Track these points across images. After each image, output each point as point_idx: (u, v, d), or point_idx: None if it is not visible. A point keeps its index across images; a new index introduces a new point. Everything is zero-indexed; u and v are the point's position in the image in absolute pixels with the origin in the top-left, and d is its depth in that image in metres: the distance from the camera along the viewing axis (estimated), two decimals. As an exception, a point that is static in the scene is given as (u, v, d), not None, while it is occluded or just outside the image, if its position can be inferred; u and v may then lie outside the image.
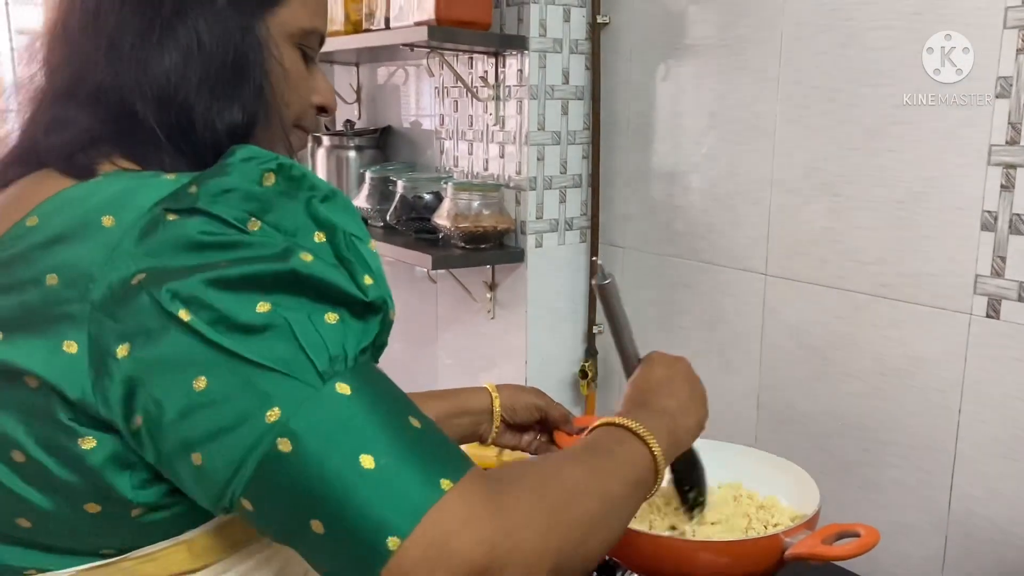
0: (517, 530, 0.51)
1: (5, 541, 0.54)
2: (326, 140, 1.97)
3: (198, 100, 0.58)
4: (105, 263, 0.50)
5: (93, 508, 0.52)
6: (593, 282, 0.87)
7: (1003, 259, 1.04)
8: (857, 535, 0.87)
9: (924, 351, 1.13)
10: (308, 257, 0.51)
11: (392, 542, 0.47)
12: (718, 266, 1.40)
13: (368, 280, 0.53)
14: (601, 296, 0.87)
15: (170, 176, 0.54)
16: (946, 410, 1.11)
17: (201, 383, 0.48)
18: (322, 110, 0.69)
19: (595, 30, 1.55)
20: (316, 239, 0.53)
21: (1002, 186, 1.03)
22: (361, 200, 1.85)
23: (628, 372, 0.89)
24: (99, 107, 0.58)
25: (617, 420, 0.73)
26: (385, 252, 1.74)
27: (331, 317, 0.51)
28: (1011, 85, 1.01)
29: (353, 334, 0.52)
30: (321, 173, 1.98)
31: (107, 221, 0.51)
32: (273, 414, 0.48)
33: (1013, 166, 1.02)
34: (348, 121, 2.02)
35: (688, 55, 1.41)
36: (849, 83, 1.17)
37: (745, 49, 1.31)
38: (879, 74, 1.14)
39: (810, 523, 0.93)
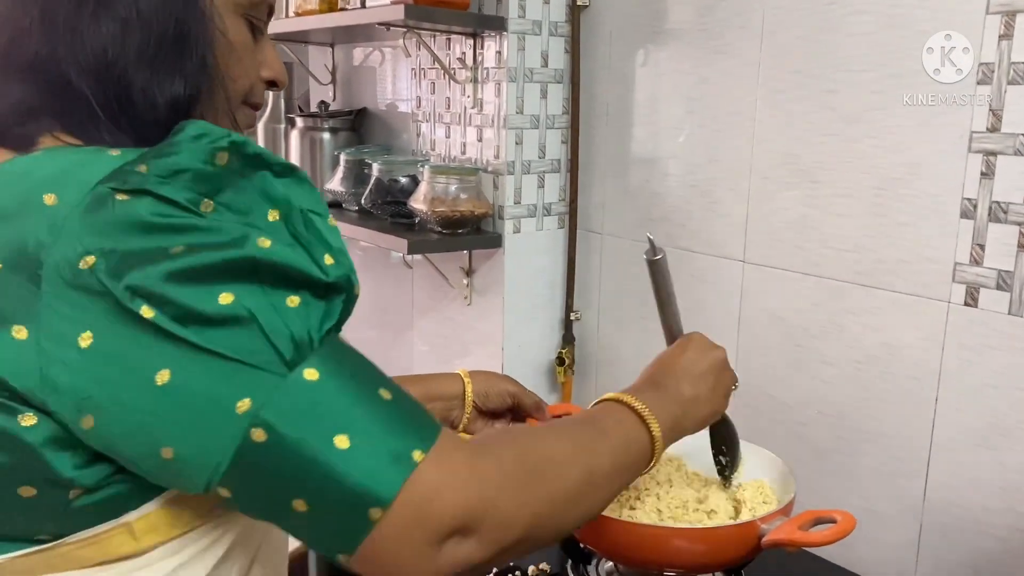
0: (492, 491, 0.53)
1: None
2: (300, 121, 1.94)
3: (137, 73, 0.55)
4: (52, 246, 0.48)
5: (28, 492, 0.50)
6: (645, 256, 0.88)
7: (982, 247, 1.03)
8: (833, 521, 0.86)
9: (901, 339, 1.13)
10: (266, 242, 0.50)
11: (374, 513, 0.49)
12: (696, 253, 1.39)
13: (329, 260, 0.52)
14: (652, 271, 0.88)
15: (115, 152, 0.51)
16: (923, 398, 1.11)
17: (164, 375, 0.47)
18: (272, 84, 0.66)
19: (575, 12, 1.53)
20: (270, 217, 0.51)
21: (982, 173, 1.02)
22: (335, 183, 1.82)
23: (670, 343, 0.90)
24: (35, 79, 0.55)
25: (623, 398, 0.73)
26: (360, 236, 1.71)
27: (293, 300, 0.50)
28: (993, 72, 1.00)
29: (316, 316, 0.51)
30: (295, 155, 1.94)
31: (49, 199, 0.49)
32: (244, 404, 0.48)
33: (994, 153, 1.01)
34: (323, 102, 1.98)
35: (668, 38, 1.39)
36: (828, 68, 1.17)
37: (725, 33, 1.30)
38: (859, 59, 1.13)
39: (786, 510, 0.93)
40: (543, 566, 1.12)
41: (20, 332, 0.47)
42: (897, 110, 1.10)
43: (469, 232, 1.57)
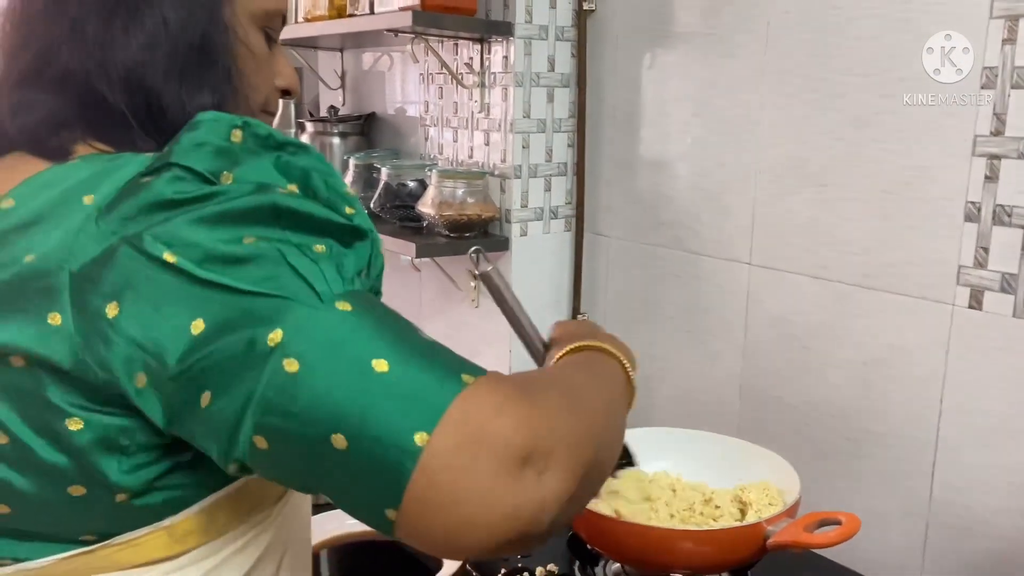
0: (553, 417, 0.49)
1: None
2: (310, 126, 1.95)
3: (167, 85, 0.57)
4: (80, 232, 0.49)
5: (78, 491, 0.51)
6: (477, 271, 0.82)
7: (986, 250, 1.04)
8: (838, 523, 0.87)
9: (906, 341, 1.13)
10: (287, 191, 0.51)
11: (419, 438, 0.44)
12: (703, 255, 1.40)
13: (350, 210, 0.53)
14: (486, 284, 0.82)
15: (148, 156, 0.53)
16: (928, 400, 1.12)
17: (198, 324, 0.46)
18: (285, 93, 0.68)
19: (581, 17, 1.54)
20: (289, 190, 0.52)
21: (986, 177, 1.03)
22: (345, 187, 1.84)
23: (534, 353, 0.82)
24: (65, 90, 0.57)
25: (588, 343, 0.70)
26: (368, 240, 1.72)
27: (319, 248, 0.50)
28: (996, 76, 1.01)
29: (346, 260, 0.51)
30: (304, 159, 1.96)
31: (87, 199, 0.51)
32: (275, 336, 0.46)
33: (997, 157, 1.02)
34: (332, 107, 2.00)
35: (674, 42, 1.40)
36: (834, 72, 1.17)
37: (731, 36, 1.31)
38: (865, 63, 1.14)
39: (791, 511, 0.94)
40: (551, 567, 1.13)
41: (55, 318, 0.49)
42: (901, 113, 1.10)
43: (476, 235, 1.58)
